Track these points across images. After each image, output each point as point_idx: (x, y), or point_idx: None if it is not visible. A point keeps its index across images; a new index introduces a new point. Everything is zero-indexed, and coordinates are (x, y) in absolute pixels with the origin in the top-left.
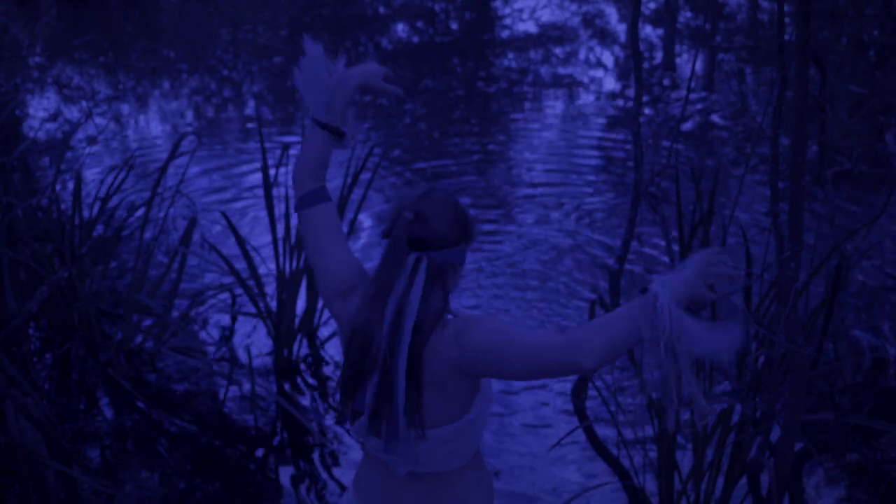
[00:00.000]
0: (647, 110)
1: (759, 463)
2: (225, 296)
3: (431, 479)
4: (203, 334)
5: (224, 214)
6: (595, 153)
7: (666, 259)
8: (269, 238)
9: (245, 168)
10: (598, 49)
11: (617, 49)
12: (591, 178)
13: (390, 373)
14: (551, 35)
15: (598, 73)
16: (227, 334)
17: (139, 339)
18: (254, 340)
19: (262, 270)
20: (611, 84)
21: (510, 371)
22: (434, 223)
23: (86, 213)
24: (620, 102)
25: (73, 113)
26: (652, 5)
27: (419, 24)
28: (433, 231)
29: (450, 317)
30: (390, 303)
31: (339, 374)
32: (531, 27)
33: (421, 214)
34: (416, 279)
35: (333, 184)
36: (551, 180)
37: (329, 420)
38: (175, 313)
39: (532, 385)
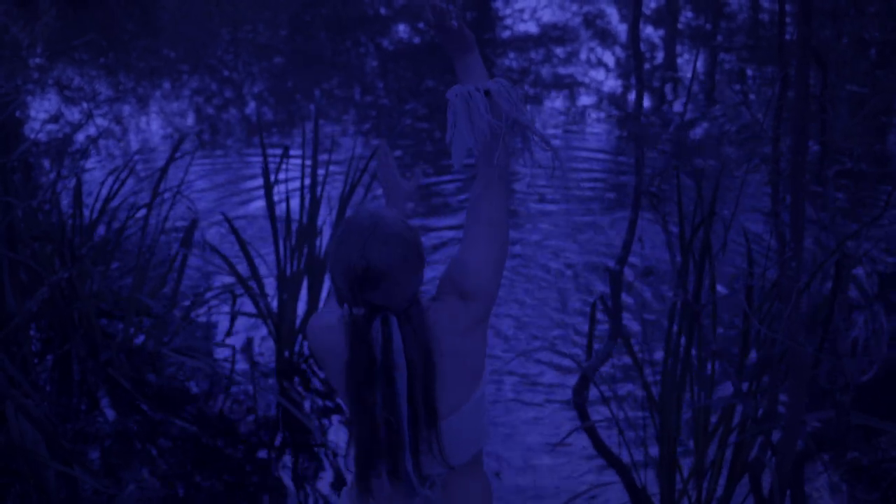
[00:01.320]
0: (647, 109)
1: (760, 462)
2: (226, 297)
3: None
4: (204, 334)
5: (224, 215)
6: (595, 154)
7: (666, 259)
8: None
9: (248, 171)
10: (599, 49)
11: (618, 49)
12: (592, 179)
13: (397, 436)
14: (552, 35)
15: (600, 73)
16: (228, 334)
17: (140, 339)
18: (255, 341)
19: (263, 271)
20: (612, 84)
21: (504, 241)
22: (390, 264)
23: (86, 215)
24: (621, 102)
25: (73, 114)
26: (653, 5)
27: (420, 24)
28: (389, 271)
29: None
30: (378, 378)
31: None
32: (532, 27)
33: (374, 302)
34: (392, 339)
35: (333, 187)
36: (552, 182)
37: (330, 420)
38: (176, 314)
39: (533, 385)
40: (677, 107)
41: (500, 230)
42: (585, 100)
